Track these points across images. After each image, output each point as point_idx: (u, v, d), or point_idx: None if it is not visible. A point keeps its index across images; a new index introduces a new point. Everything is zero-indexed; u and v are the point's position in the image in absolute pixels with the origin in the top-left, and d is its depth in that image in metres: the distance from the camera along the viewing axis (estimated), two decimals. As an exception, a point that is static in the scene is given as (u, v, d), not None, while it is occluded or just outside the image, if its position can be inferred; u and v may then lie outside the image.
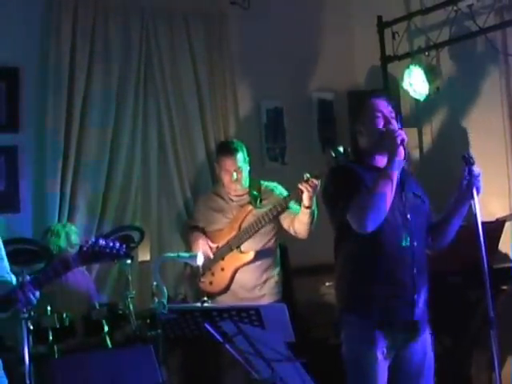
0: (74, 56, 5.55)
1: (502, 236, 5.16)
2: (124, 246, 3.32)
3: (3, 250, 3.40)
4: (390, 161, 3.53)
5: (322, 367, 3.96)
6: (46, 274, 3.27)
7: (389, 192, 3.48)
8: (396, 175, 3.51)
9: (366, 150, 3.75)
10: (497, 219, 5.30)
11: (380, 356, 3.55)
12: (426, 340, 3.68)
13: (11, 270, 3.45)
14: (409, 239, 3.59)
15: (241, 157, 5.21)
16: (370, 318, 3.59)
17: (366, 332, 3.58)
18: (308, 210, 4.94)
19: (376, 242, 3.55)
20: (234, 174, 5.19)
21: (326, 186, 3.84)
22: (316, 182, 4.82)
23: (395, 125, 3.66)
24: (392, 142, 3.54)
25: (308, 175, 4.82)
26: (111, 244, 3.28)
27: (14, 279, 3.39)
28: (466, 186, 3.59)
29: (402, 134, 3.54)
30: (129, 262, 4.62)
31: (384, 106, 3.70)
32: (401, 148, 3.52)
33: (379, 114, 3.67)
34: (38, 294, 3.21)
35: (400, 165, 3.53)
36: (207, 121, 6.03)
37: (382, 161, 3.65)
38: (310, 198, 4.89)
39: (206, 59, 6.07)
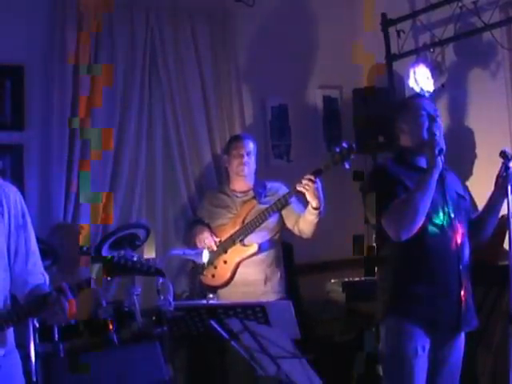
0: (79, 54, 5.55)
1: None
2: (154, 263, 3.28)
3: (36, 245, 3.34)
4: (429, 171, 3.59)
5: (327, 364, 3.97)
6: (81, 284, 3.23)
7: (425, 203, 3.53)
8: (434, 184, 3.56)
9: (408, 148, 3.80)
10: (502, 216, 5.28)
11: (420, 351, 3.60)
12: (463, 337, 3.75)
13: None
14: (453, 237, 3.63)
15: (251, 145, 5.29)
16: (414, 317, 3.63)
17: (408, 328, 3.62)
18: (316, 211, 4.95)
19: (420, 242, 3.60)
20: (246, 156, 5.23)
21: (367, 185, 3.90)
22: (313, 177, 4.83)
23: (439, 125, 3.72)
24: (430, 153, 3.60)
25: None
26: (142, 260, 3.24)
27: (47, 279, 3.36)
28: (502, 182, 3.63)
29: (441, 144, 3.61)
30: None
31: (428, 105, 3.79)
32: (439, 159, 3.58)
33: (424, 113, 3.73)
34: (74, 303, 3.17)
35: (438, 171, 3.59)
36: (212, 119, 6.03)
37: (424, 162, 3.72)
38: (315, 198, 4.89)
39: (210, 56, 6.07)
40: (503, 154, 3.62)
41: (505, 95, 5.66)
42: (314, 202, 4.92)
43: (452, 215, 3.67)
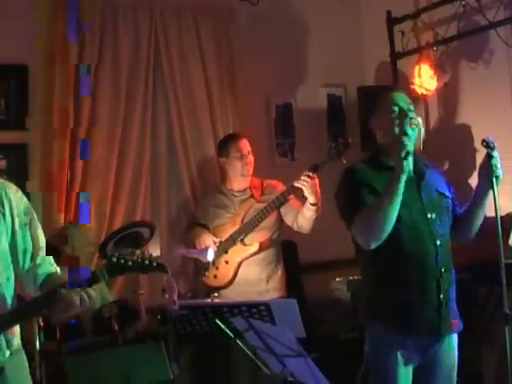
0: (83, 53, 5.56)
1: None
2: (156, 258, 3.25)
3: (44, 239, 3.33)
4: (395, 176, 3.41)
5: (331, 363, 3.96)
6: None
7: (392, 209, 3.38)
8: (401, 189, 3.38)
9: (382, 147, 3.65)
10: (507, 214, 5.28)
11: (401, 358, 3.50)
12: (454, 339, 3.63)
13: None
14: (430, 240, 3.51)
15: (248, 143, 5.29)
16: (392, 323, 3.54)
17: (388, 335, 3.53)
18: (314, 207, 4.94)
19: (394, 247, 3.48)
20: (249, 155, 5.24)
21: (336, 190, 3.74)
22: (311, 173, 4.83)
23: (414, 121, 3.51)
24: (396, 157, 3.42)
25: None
26: (143, 256, 3.21)
27: (58, 270, 3.34)
28: (486, 174, 3.45)
29: (409, 146, 3.42)
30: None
31: (401, 99, 3.61)
32: (405, 162, 3.38)
33: (395, 108, 3.57)
34: (93, 294, 3.14)
35: (405, 175, 3.39)
36: (216, 118, 6.03)
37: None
38: (314, 194, 4.89)
39: (214, 55, 6.07)
40: (485, 143, 3.41)
41: (509, 94, 5.66)
42: (311, 198, 4.91)
43: (429, 216, 3.53)
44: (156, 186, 5.90)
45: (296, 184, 4.92)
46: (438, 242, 3.51)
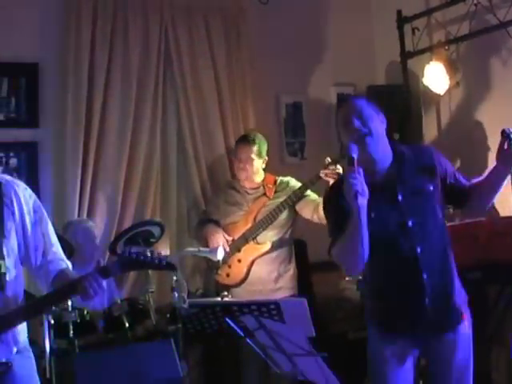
0: (94, 51, 5.57)
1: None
2: (166, 257, 3.28)
3: (55, 236, 3.37)
4: (351, 214, 3.26)
5: (341, 362, 3.96)
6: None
7: (357, 242, 3.26)
8: (360, 222, 3.22)
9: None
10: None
11: (392, 357, 3.51)
12: (457, 336, 3.56)
13: None
14: (411, 247, 3.43)
15: (254, 149, 5.26)
16: (377, 326, 3.58)
17: (378, 336, 3.57)
18: None
19: (374, 261, 3.42)
20: (243, 162, 5.26)
21: (323, 208, 3.68)
22: (337, 168, 4.86)
23: (362, 139, 3.38)
24: (348, 193, 3.23)
25: (329, 159, 4.88)
26: (153, 254, 3.25)
27: (69, 266, 3.38)
28: (505, 160, 3.33)
29: (356, 186, 3.18)
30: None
31: (350, 112, 3.52)
32: (358, 199, 3.18)
33: (341, 129, 3.54)
34: (105, 284, 3.19)
35: (361, 211, 3.22)
36: (226, 117, 6.04)
37: (371, 176, 3.38)
38: None
39: (225, 54, 6.08)
40: (506, 134, 3.28)
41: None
42: None
43: (409, 224, 3.42)
44: (166, 185, 5.92)
45: (322, 174, 4.93)
46: (419, 249, 3.44)
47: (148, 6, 5.80)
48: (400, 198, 3.45)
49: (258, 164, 5.30)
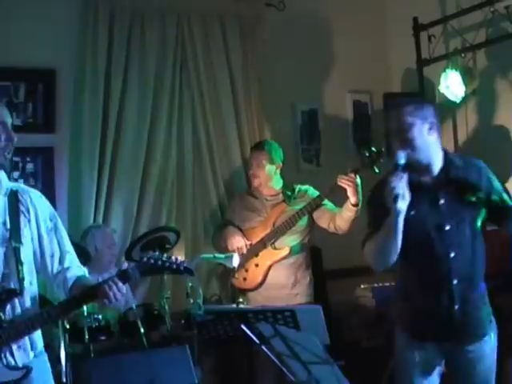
0: (111, 58, 5.59)
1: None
2: (184, 262, 3.30)
3: (70, 243, 3.39)
4: (390, 217, 3.37)
5: (356, 370, 3.95)
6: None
7: (390, 244, 3.41)
8: (397, 226, 3.34)
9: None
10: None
11: (419, 359, 3.56)
12: (482, 348, 3.58)
13: None
14: (445, 251, 3.47)
15: (265, 155, 5.29)
16: (406, 331, 3.63)
17: (405, 341, 3.62)
18: (355, 208, 4.97)
19: (408, 263, 3.53)
20: (255, 168, 5.32)
21: (368, 199, 3.82)
22: (353, 174, 4.88)
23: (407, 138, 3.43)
24: (388, 196, 3.34)
25: (350, 170, 4.92)
26: (171, 259, 3.26)
27: (86, 273, 3.40)
28: None
29: (396, 190, 3.30)
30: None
31: (394, 119, 3.52)
32: (397, 203, 3.30)
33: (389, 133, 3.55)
34: (125, 289, 3.19)
35: (400, 215, 3.33)
36: (242, 123, 6.05)
37: (418, 175, 3.49)
38: (355, 194, 4.92)
39: (241, 60, 6.08)
40: None
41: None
42: (353, 199, 4.95)
43: (446, 228, 3.47)
44: (181, 190, 5.91)
45: (339, 182, 4.95)
46: (452, 254, 3.47)
47: (165, 12, 5.81)
48: (442, 201, 3.50)
49: (271, 170, 5.31)
